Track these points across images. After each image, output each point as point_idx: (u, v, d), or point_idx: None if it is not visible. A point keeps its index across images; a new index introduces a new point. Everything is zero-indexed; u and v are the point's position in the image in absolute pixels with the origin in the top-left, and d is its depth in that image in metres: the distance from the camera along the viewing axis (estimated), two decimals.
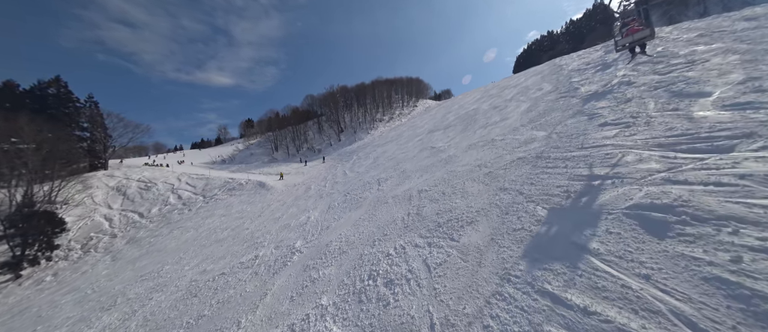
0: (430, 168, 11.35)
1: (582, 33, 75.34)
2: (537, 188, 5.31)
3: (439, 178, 9.09)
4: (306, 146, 61.98)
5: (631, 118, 7.29)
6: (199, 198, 28.45)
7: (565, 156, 6.41)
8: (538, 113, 12.76)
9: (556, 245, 3.56)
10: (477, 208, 5.51)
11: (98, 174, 31.61)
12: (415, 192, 8.71)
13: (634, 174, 4.38)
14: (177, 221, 22.97)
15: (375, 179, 14.31)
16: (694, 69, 9.45)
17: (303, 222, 11.12)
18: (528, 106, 15.35)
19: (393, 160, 18.66)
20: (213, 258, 10.35)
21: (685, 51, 11.99)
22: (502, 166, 7.56)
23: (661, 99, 7.89)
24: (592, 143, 6.59)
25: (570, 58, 25.05)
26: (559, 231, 3.79)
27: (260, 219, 15.96)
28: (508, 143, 10.00)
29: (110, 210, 25.27)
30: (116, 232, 22.00)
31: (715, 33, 13.27)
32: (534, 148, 8.04)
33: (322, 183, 21.44)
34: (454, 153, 12.32)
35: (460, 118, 24.07)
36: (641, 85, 9.80)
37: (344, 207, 11.11)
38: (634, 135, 6.21)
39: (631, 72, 12.29)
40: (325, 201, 14.17)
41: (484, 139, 12.42)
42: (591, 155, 5.89)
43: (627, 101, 8.96)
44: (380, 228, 6.76)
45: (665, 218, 3.15)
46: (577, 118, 9.14)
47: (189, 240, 15.97)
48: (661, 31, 17.81)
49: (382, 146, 30.04)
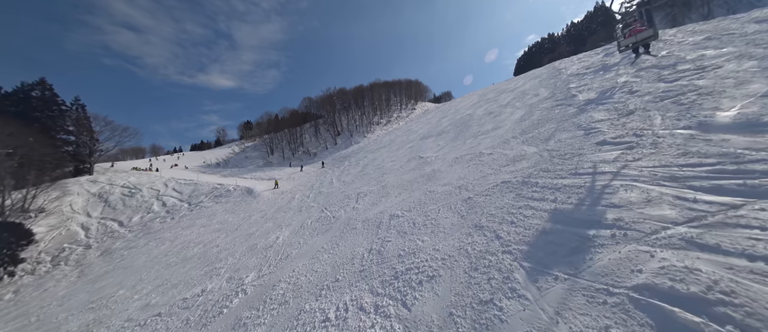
0: (410, 185, 10.28)
1: (583, 35, 74.26)
2: (517, 231, 4.22)
3: (415, 201, 8.00)
4: (301, 149, 60.93)
5: (635, 136, 6.19)
6: (184, 205, 27.38)
7: (555, 184, 5.32)
8: (531, 123, 11.69)
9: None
10: (444, 254, 4.42)
11: (81, 180, 30.51)
12: (386, 217, 7.63)
13: (641, 224, 3.29)
14: (157, 231, 21.90)
15: (356, 193, 13.25)
16: (706, 76, 8.35)
17: (270, 244, 10.05)
18: (522, 114, 14.29)
19: (379, 169, 17.60)
20: (166, 286, 9.28)
21: (692, 55, 10.89)
22: (484, 191, 6.48)
23: (670, 113, 6.79)
24: (587, 168, 5.50)
25: (570, 61, 24.02)
26: (536, 321, 2.70)
27: (236, 233, 14.91)
28: (496, 159, 8.92)
29: (89, 218, 24.18)
30: (92, 243, 20.90)
31: (723, 36, 12.17)
32: (521, 168, 6.96)
33: (308, 192, 20.40)
34: (439, 166, 11.24)
35: (455, 123, 23.09)
36: (645, 94, 8.71)
37: (315, 228, 10.04)
38: (638, 160, 5.12)
39: (632, 78, 11.21)
40: (302, 216, 13.11)
41: (472, 152, 11.35)
42: (585, 186, 4.80)
43: (629, 114, 7.87)
44: (336, 268, 5.68)
45: (699, 327, 2.03)
46: (572, 133, 8.05)
47: (158, 256, 14.90)
48: (665, 34, 16.77)
49: (375, 152, 29.01)
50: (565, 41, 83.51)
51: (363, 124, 63.19)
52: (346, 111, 69.05)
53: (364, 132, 58.04)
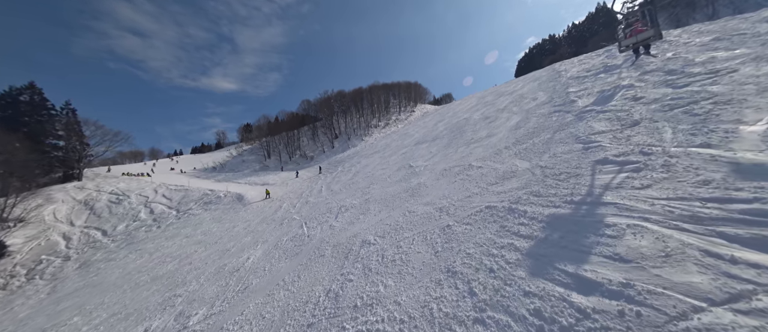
0: (393, 201, 9.36)
1: (584, 37, 73.20)
2: (496, 286, 3.30)
3: (392, 223, 7.08)
4: (299, 153, 60.12)
5: (642, 154, 5.24)
6: (172, 212, 26.53)
7: (547, 215, 4.39)
8: (526, 131, 10.75)
9: None
10: (403, 314, 3.49)
11: (67, 187, 29.65)
12: (358, 243, 6.71)
13: (660, 299, 2.36)
14: (140, 241, 21.04)
15: (339, 206, 12.37)
16: (720, 82, 7.39)
17: (238, 267, 9.16)
18: (518, 120, 13.37)
19: (369, 178, 16.71)
20: (119, 316, 8.39)
21: (702, 57, 9.94)
22: (466, 218, 5.56)
23: (682, 125, 5.84)
24: (585, 194, 4.56)
25: (570, 63, 23.09)
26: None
27: (214, 247, 14.03)
28: (485, 174, 7.98)
29: (71, 227, 23.33)
30: (71, 254, 20.05)
31: (734, 36, 11.22)
32: (510, 190, 6.02)
33: (296, 201, 19.54)
34: (426, 180, 10.31)
35: (450, 128, 22.24)
36: (651, 102, 7.76)
37: (287, 248, 9.17)
38: (647, 187, 4.18)
39: (636, 82, 10.26)
40: (281, 231, 12.25)
41: (462, 163, 10.41)
42: (582, 221, 3.86)
43: (633, 124, 6.92)
44: (285, 316, 4.76)
45: None
46: (569, 146, 7.11)
47: (132, 273, 14.01)
48: (669, 34, 15.85)
49: (369, 156, 28.14)
50: (566, 42, 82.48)
51: (361, 127, 62.34)
52: (344, 114, 68.25)
53: (362, 135, 57.18)
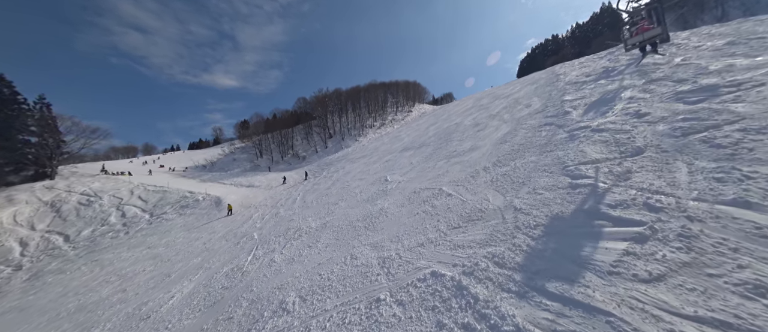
0: (345, 234, 7.85)
1: (588, 37, 71.26)
2: None
3: (325, 277, 5.57)
4: (291, 153, 58.58)
5: (648, 209, 3.65)
6: (145, 216, 25.04)
7: (502, 312, 2.86)
8: (511, 148, 9.21)
9: None
10: None
11: (35, 186, 27.99)
12: (273, 306, 5.20)
13: None
14: (102, 249, 19.56)
15: (296, 229, 10.90)
16: (746, 98, 5.78)
17: (149, 313, 7.69)
18: (506, 131, 11.86)
19: (342, 191, 15.22)
20: None
21: (716, 65, 8.36)
22: (403, 289, 4.02)
23: (702, 161, 4.28)
24: (562, 281, 2.99)
25: (570, 65, 21.49)
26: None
27: (161, 268, 12.59)
28: (451, 207, 6.44)
29: (31, 231, 21.82)
30: (24, 263, 18.58)
31: (751, 40, 9.65)
32: (470, 244, 4.48)
33: (269, 210, 18.09)
34: (390, 205, 8.79)
35: (439, 134, 20.78)
36: (658, 120, 6.18)
37: (209, 293, 7.70)
38: (658, 282, 2.61)
39: (640, 92, 8.69)
40: (226, 258, 10.79)
41: (434, 186, 8.88)
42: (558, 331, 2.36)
43: (636, 153, 5.35)
44: None
45: None
46: (553, 178, 5.55)
47: (67, 294, 12.53)
48: (677, 37, 14.33)
49: (354, 162, 26.63)
50: (569, 43, 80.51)
51: (356, 126, 60.77)
52: (340, 112, 66.65)
53: (356, 135, 55.63)
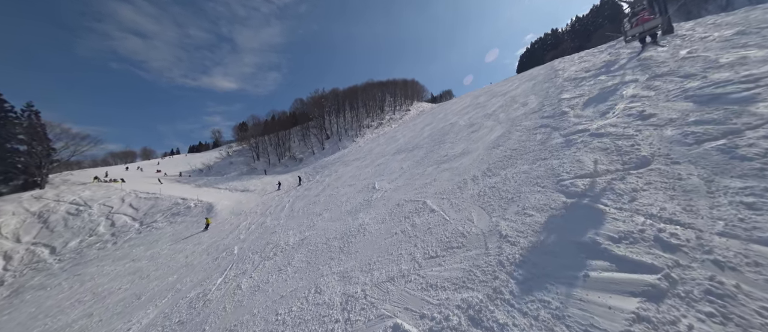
0: (317, 257, 7.13)
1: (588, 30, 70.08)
2: None
3: (283, 318, 4.84)
4: (288, 155, 57.92)
5: (661, 246, 2.89)
6: (134, 225, 24.49)
7: None
8: (503, 154, 8.45)
9: None
10: None
11: (23, 196, 27.47)
12: None
13: None
14: (87, 261, 19.00)
15: (275, 245, 10.20)
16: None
17: None
18: (499, 134, 11.10)
19: (328, 199, 14.50)
20: None
21: (728, 58, 7.52)
22: None
23: (723, 178, 3.47)
24: None
25: (570, 60, 20.67)
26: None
27: (136, 286, 11.96)
28: (431, 228, 5.69)
29: (17, 244, 21.26)
30: (7, 277, 18.03)
31: (764, 29, 8.81)
32: (443, 284, 3.70)
33: (255, 219, 17.42)
34: (370, 220, 8.05)
35: (433, 135, 20.07)
36: (665, 123, 5.38)
37: (169, 325, 6.97)
38: None
39: (644, 90, 7.87)
40: (199, 277, 10.10)
41: (419, 197, 8.13)
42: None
43: (641, 165, 4.56)
44: None
45: None
46: (545, 196, 4.78)
47: (38, 316, 11.91)
48: (681, 28, 13.51)
49: (347, 165, 25.91)
50: (569, 37, 79.27)
51: (353, 127, 60.04)
52: (337, 113, 65.95)
53: (353, 136, 54.91)
